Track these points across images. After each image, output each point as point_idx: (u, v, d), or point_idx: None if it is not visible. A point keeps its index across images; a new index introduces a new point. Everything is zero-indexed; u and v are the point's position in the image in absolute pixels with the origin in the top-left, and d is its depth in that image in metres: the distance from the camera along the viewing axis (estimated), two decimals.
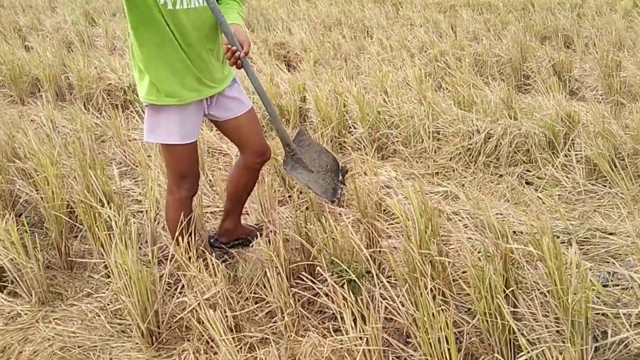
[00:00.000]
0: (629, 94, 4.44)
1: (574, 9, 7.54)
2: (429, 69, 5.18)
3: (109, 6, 9.68)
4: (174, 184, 2.34)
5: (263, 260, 2.36)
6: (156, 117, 2.21)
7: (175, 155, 2.27)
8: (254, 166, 2.49)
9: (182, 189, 2.33)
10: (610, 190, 3.21)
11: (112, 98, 5.09)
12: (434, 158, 3.68)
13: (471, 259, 2.01)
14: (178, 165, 2.29)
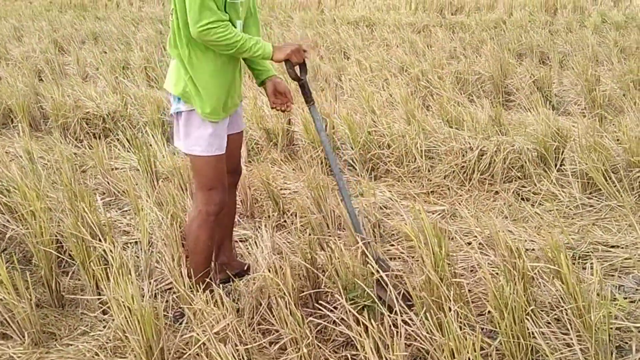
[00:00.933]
0: (611, 108, 4.51)
1: (545, 26, 7.71)
2: (411, 89, 5.18)
3: (78, 34, 9.52)
4: (204, 197, 2.33)
5: (270, 289, 2.25)
6: (200, 129, 2.26)
7: (210, 166, 2.30)
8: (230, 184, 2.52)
9: (211, 202, 2.32)
10: (607, 203, 3.21)
11: (90, 127, 4.94)
12: (428, 177, 3.64)
13: (490, 279, 1.95)
14: (212, 177, 2.31)
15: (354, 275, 2.09)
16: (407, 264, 2.44)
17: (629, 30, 7.20)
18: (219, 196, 2.34)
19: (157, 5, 12.77)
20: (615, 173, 3.31)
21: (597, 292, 2.10)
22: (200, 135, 2.25)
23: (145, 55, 6.95)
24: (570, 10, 9.03)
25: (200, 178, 2.33)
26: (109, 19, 10.66)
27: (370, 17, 9.28)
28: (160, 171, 3.75)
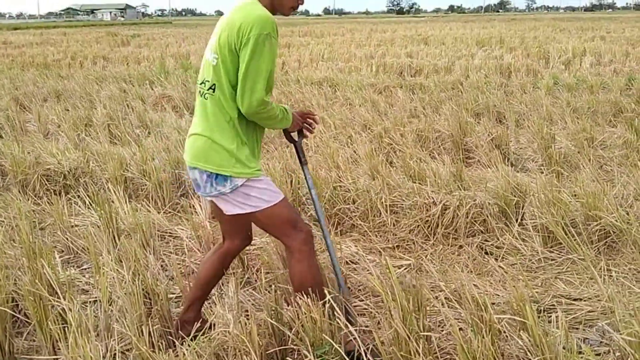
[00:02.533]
0: (567, 164, 4.67)
1: (500, 88, 8.05)
2: (375, 145, 5.28)
3: (40, 91, 9.46)
4: (293, 234, 2.32)
5: (235, 347, 2.19)
6: (257, 185, 2.27)
7: (284, 207, 2.31)
8: (237, 252, 2.55)
9: (302, 234, 2.32)
10: (568, 256, 3.28)
11: (50, 183, 4.84)
12: (393, 231, 3.67)
13: (459, 332, 1.94)
14: (290, 214, 2.33)
15: (321, 331, 2.05)
16: (375, 319, 2.41)
17: (580, 91, 7.58)
18: (302, 225, 2.35)
19: (121, 65, 12.86)
20: (574, 227, 3.40)
21: (563, 345, 2.12)
22: (260, 190, 2.26)
23: (108, 112, 6.93)
24: (523, 73, 9.47)
25: (282, 225, 2.32)
26: (72, 78, 10.65)
27: (333, 78, 9.53)
28: (121, 227, 3.68)
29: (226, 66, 2.17)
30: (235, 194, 2.25)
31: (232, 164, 2.21)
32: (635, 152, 4.82)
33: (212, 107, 2.22)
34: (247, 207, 2.26)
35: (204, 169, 2.24)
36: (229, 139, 2.21)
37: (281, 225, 2.33)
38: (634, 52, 11.35)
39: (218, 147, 2.21)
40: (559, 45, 12.81)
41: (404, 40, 16.29)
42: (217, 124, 2.22)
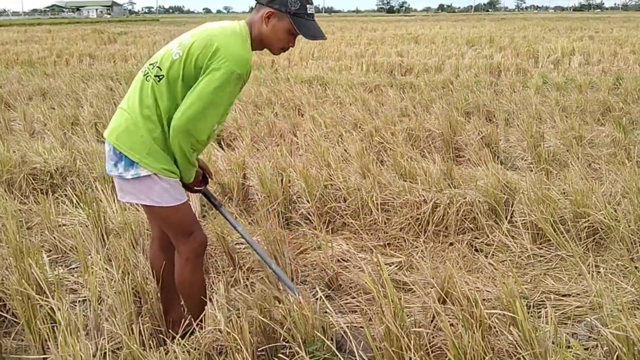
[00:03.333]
0: (556, 162, 4.70)
1: (490, 87, 8.08)
2: (365, 144, 5.29)
3: (25, 90, 9.36)
4: (185, 241, 2.32)
5: (226, 345, 2.18)
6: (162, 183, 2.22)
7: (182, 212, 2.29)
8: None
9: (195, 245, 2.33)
10: (557, 253, 3.30)
11: (37, 182, 4.79)
12: (384, 229, 3.67)
13: (449, 327, 1.95)
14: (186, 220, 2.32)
15: (313, 328, 2.05)
16: (366, 316, 2.41)
17: (568, 90, 7.63)
18: (198, 235, 2.35)
19: (107, 62, 12.77)
20: (563, 224, 3.42)
21: (553, 340, 2.13)
22: (163, 188, 2.22)
23: (95, 111, 6.88)
24: (513, 72, 9.52)
25: (176, 228, 2.32)
26: (58, 75, 10.55)
27: (324, 77, 9.53)
28: (110, 227, 3.65)
29: (186, 70, 2.13)
30: (135, 182, 2.21)
31: (144, 153, 2.17)
32: (622, 151, 4.87)
33: (150, 93, 2.17)
34: (143, 198, 2.23)
35: (114, 146, 2.21)
36: (151, 128, 2.17)
37: (176, 229, 2.33)
38: (621, 51, 11.46)
39: (137, 131, 2.17)
40: (548, 44, 12.89)
41: (394, 39, 16.32)
42: (147, 110, 2.17)
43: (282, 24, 2.21)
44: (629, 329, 1.97)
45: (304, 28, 2.21)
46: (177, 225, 2.31)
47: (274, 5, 2.19)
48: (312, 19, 2.25)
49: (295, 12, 2.19)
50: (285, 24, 2.21)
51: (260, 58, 12.26)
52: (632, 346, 1.98)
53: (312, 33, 2.23)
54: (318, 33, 2.25)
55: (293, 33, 2.23)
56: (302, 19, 2.20)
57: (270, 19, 2.21)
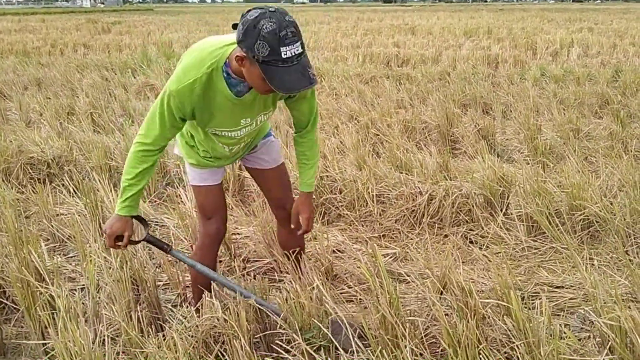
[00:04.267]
0: (553, 155, 4.73)
1: (487, 79, 8.09)
2: (361, 136, 5.30)
3: (20, 80, 9.33)
4: (202, 222, 2.52)
5: (224, 331, 2.20)
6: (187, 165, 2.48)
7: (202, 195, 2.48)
8: (279, 218, 2.70)
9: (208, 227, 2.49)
10: (551, 245, 3.33)
11: (34, 172, 4.80)
12: (380, 221, 3.69)
13: (444, 317, 1.97)
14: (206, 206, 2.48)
15: (309, 316, 2.08)
16: (362, 305, 2.44)
17: (567, 83, 7.64)
18: (214, 226, 2.48)
19: (101, 53, 12.71)
20: (558, 217, 3.45)
21: (546, 330, 2.16)
22: (189, 168, 2.46)
23: (91, 101, 6.87)
24: (511, 64, 9.52)
25: (199, 208, 2.51)
26: (52, 65, 10.51)
27: (319, 68, 9.51)
28: (107, 216, 3.66)
29: None
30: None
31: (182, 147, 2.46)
32: (620, 144, 4.89)
33: None
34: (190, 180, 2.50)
35: None
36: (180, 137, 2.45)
37: (198, 208, 2.53)
38: (621, 43, 11.46)
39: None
40: (547, 36, 12.88)
41: (391, 29, 16.29)
42: None
43: (254, 70, 1.85)
44: (623, 320, 2.00)
45: (276, 80, 1.80)
46: (199, 205, 2.50)
47: (242, 48, 1.83)
48: (289, 64, 1.80)
49: (264, 59, 1.78)
50: (258, 71, 1.84)
51: None
52: (625, 337, 2.01)
53: (287, 85, 1.81)
54: (295, 84, 1.81)
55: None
56: (273, 67, 1.79)
57: (244, 62, 1.87)
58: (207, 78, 2.00)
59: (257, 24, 1.77)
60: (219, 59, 2.00)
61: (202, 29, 17.37)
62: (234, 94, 2.06)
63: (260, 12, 1.79)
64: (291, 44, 1.78)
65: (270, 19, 1.76)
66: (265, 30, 1.75)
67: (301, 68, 1.82)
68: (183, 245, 3.45)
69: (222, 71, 2.01)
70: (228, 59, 2.00)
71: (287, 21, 1.78)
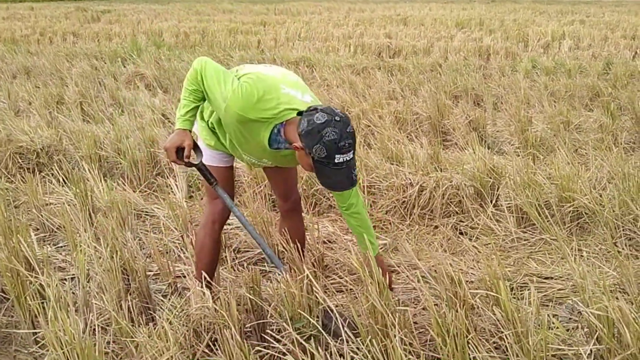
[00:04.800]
0: (543, 147, 4.75)
1: (479, 70, 8.09)
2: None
3: (9, 68, 9.23)
4: (210, 206, 2.56)
5: (214, 321, 2.21)
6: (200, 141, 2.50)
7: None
8: (282, 210, 2.76)
9: (215, 212, 2.54)
10: (541, 236, 3.36)
11: (23, 161, 4.76)
12: (370, 212, 3.70)
13: (433, 306, 1.99)
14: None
15: (300, 305, 2.08)
16: (352, 294, 2.45)
17: (558, 75, 7.66)
18: (219, 207, 2.52)
19: (91, 41, 12.58)
20: (548, 208, 3.48)
21: (534, 320, 2.18)
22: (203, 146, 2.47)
23: (80, 90, 6.81)
24: (502, 56, 9.53)
25: (206, 186, 2.53)
26: (41, 54, 10.39)
27: (310, 58, 9.47)
28: (97, 206, 3.65)
29: None
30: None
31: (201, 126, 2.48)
32: (610, 136, 4.92)
33: None
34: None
35: None
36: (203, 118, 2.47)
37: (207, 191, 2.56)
38: (612, 36, 11.48)
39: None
40: (539, 28, 12.88)
41: (383, 20, 16.23)
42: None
43: (307, 160, 2.08)
44: (610, 310, 2.02)
45: (323, 176, 2.08)
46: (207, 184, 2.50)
47: (302, 141, 2.05)
48: (339, 168, 2.03)
49: (319, 159, 2.02)
50: (310, 161, 2.07)
51: (246, 38, 12.17)
52: (612, 327, 2.04)
53: (331, 184, 2.13)
54: (338, 185, 2.12)
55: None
56: (324, 167, 2.03)
57: (299, 151, 2.09)
58: (259, 124, 2.14)
59: (322, 130, 1.97)
60: (278, 119, 2.13)
61: (192, 18, 17.23)
62: (272, 148, 2.21)
63: (327, 120, 1.99)
64: (346, 153, 2.01)
65: (334, 128, 1.97)
66: (327, 138, 1.97)
67: (347, 171, 2.05)
68: (174, 236, 3.45)
69: (275, 127, 2.15)
70: (286, 123, 2.14)
71: (347, 132, 2.00)
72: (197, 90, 2.23)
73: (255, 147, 2.26)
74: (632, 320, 1.95)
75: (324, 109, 2.03)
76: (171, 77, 7.86)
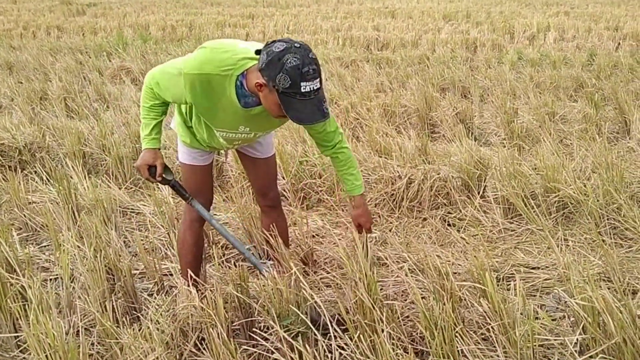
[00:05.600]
0: (528, 138, 4.76)
1: (466, 63, 8.10)
2: (341, 120, 5.28)
3: None
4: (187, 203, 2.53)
5: (201, 320, 2.19)
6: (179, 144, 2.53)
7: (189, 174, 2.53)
8: (261, 206, 2.76)
9: (191, 210, 2.51)
10: (527, 227, 3.37)
11: (5, 159, 4.69)
12: None
13: (421, 300, 1.98)
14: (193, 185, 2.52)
15: (287, 302, 2.07)
16: (340, 290, 2.44)
17: (543, 66, 7.68)
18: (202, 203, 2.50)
19: (76, 35, 12.44)
20: (534, 199, 3.48)
21: (521, 311, 2.19)
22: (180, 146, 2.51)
23: (64, 85, 6.72)
24: (489, 48, 9.53)
25: (185, 185, 2.53)
26: (24, 48, 10.25)
27: None
28: (81, 204, 3.61)
29: None
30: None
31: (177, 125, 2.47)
32: (594, 126, 4.94)
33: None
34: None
35: None
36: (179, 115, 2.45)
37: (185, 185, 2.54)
38: (596, 27, 11.52)
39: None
40: (524, 20, 12.89)
41: (371, 12, 16.18)
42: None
43: (272, 97, 1.98)
44: (594, 300, 2.03)
45: (291, 110, 1.95)
46: (185, 182, 2.53)
47: (264, 76, 1.95)
48: (307, 98, 1.93)
49: (284, 90, 1.92)
50: (275, 98, 1.97)
51: (234, 31, 12.09)
52: (597, 316, 2.04)
53: (301, 117, 1.98)
54: (310, 116, 1.99)
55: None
56: (291, 98, 1.93)
57: (262, 89, 1.99)
58: (220, 79, 2.08)
59: (282, 57, 1.89)
60: (236, 68, 2.07)
61: (179, 11, 17.07)
62: (241, 105, 2.14)
63: (287, 47, 1.92)
64: (311, 80, 1.92)
65: (295, 55, 1.89)
66: (289, 64, 1.88)
67: (317, 102, 1.97)
68: (160, 233, 3.42)
69: (237, 80, 2.09)
70: (246, 72, 2.07)
71: (310, 58, 1.91)
72: (154, 105, 2.28)
73: (226, 113, 2.19)
74: (615, 310, 1.96)
75: (281, 39, 1.97)
76: None
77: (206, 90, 2.10)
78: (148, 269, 2.82)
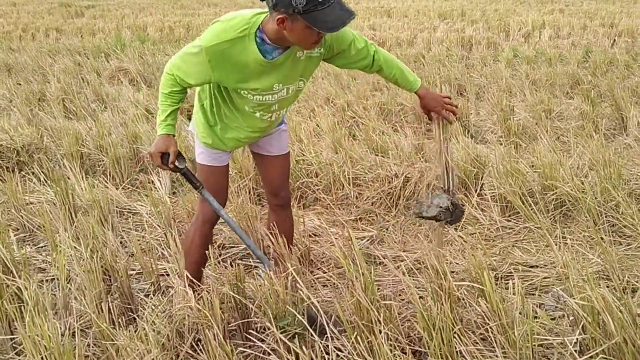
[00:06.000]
0: (525, 135, 4.76)
1: (461, 60, 8.09)
2: (337, 119, 5.27)
3: None
4: (202, 201, 2.54)
5: (197, 321, 2.18)
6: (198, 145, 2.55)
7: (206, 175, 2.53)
8: (271, 205, 2.76)
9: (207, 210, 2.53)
10: (525, 225, 3.36)
11: (3, 160, 4.67)
12: (356, 204, 3.69)
13: (419, 300, 1.98)
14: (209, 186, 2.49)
15: (284, 303, 2.06)
16: (337, 290, 2.43)
17: (538, 64, 7.68)
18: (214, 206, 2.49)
19: (74, 37, 12.41)
20: (531, 196, 3.48)
21: (520, 311, 2.18)
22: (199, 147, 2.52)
23: (62, 86, 6.71)
24: (484, 46, 9.53)
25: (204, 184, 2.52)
26: (23, 50, 10.23)
27: None
28: (78, 205, 3.59)
29: None
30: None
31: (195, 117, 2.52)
32: (590, 123, 4.93)
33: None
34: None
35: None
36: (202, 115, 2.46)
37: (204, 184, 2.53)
38: (591, 24, 11.53)
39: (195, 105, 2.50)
40: (519, 17, 12.90)
41: (367, 12, 16.17)
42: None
43: (297, 25, 1.99)
44: (594, 299, 2.02)
45: (320, 22, 1.95)
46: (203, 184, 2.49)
47: (280, 10, 1.98)
48: (327, 4, 1.94)
49: (304, 9, 1.93)
50: (301, 24, 1.98)
51: None
52: (597, 315, 2.04)
53: (330, 24, 1.96)
54: (338, 20, 1.97)
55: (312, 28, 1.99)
56: (314, 12, 1.93)
57: (285, 23, 2.00)
58: (240, 41, 2.12)
59: None
60: (251, 26, 2.12)
61: (177, 12, 17.05)
62: (267, 60, 2.16)
63: None
64: None
65: None
66: None
67: (337, 5, 1.98)
68: (157, 233, 3.41)
69: (256, 36, 2.13)
70: (262, 25, 2.12)
71: None
72: (172, 92, 2.27)
73: (257, 75, 2.19)
74: (615, 309, 1.95)
75: None
76: (155, 72, 7.76)
77: (230, 58, 2.14)
78: (144, 270, 2.81)
